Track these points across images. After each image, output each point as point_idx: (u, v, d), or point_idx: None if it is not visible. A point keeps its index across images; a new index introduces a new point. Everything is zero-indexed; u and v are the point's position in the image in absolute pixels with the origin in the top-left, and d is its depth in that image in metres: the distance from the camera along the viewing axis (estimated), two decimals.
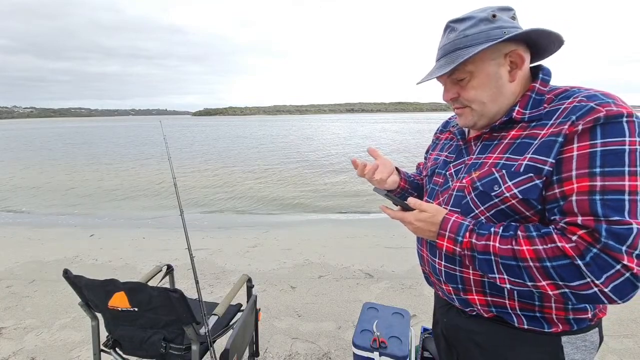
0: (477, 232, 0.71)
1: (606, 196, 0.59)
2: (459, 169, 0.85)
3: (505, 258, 0.66)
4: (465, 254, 0.72)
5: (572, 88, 0.71)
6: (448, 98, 0.81)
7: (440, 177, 0.91)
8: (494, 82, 0.74)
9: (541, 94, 0.74)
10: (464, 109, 0.80)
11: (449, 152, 0.93)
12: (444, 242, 0.75)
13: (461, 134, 0.90)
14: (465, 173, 0.82)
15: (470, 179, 0.78)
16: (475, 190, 0.76)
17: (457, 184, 0.82)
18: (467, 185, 0.78)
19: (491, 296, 0.78)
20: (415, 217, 0.78)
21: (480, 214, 0.75)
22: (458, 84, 0.78)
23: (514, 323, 0.76)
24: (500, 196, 0.71)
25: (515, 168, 0.70)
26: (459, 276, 0.81)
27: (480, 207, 0.75)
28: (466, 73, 0.74)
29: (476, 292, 0.80)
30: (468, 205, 0.78)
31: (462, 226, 0.73)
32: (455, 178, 0.85)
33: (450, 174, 0.87)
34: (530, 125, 0.72)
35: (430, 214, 0.77)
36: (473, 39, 0.71)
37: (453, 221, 0.74)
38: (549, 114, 0.70)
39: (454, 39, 0.74)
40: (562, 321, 0.73)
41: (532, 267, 0.63)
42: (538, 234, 0.65)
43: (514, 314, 0.76)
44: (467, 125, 0.83)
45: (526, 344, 0.76)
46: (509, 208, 0.71)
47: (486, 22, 0.71)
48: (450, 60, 0.74)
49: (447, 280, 0.84)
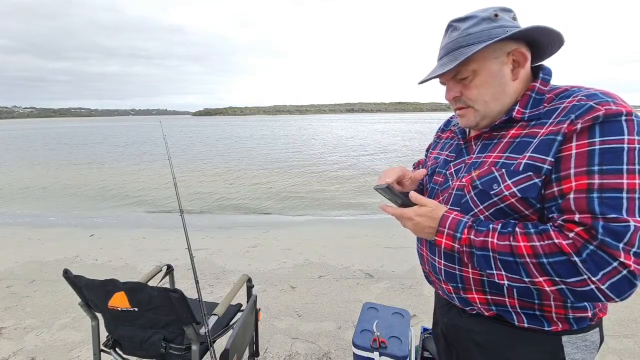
0: (475, 228, 0.71)
1: (604, 194, 0.59)
2: (459, 168, 0.85)
3: (503, 254, 0.66)
4: (464, 251, 0.72)
5: (573, 87, 0.71)
6: (451, 97, 0.80)
7: (440, 177, 0.91)
8: (497, 80, 0.74)
9: (541, 94, 0.74)
10: (466, 109, 0.79)
11: (450, 152, 0.93)
12: (442, 238, 0.75)
13: (462, 133, 0.90)
14: (465, 172, 0.82)
15: (470, 178, 0.78)
16: (474, 189, 0.76)
17: (457, 183, 0.82)
18: (466, 184, 0.79)
19: (491, 294, 0.78)
20: (416, 212, 0.78)
21: (479, 212, 0.75)
22: (461, 83, 0.77)
23: (514, 321, 0.76)
24: (500, 195, 0.71)
25: (514, 167, 0.70)
26: (458, 275, 0.81)
27: (479, 206, 0.75)
28: (469, 71, 0.74)
29: (476, 290, 0.80)
30: (467, 204, 0.78)
31: (461, 223, 0.73)
32: (455, 177, 0.85)
33: (450, 173, 0.87)
34: (530, 124, 0.72)
35: (430, 208, 0.77)
36: (476, 37, 0.71)
37: (452, 218, 0.74)
38: (548, 113, 0.70)
39: (456, 38, 0.74)
40: (562, 320, 0.73)
41: (529, 263, 0.63)
42: (535, 230, 0.65)
43: (514, 312, 0.76)
44: (469, 125, 0.82)
45: (526, 343, 0.76)
46: (508, 207, 0.71)
47: (488, 21, 0.72)
48: (453, 58, 0.74)
49: (446, 279, 0.85)
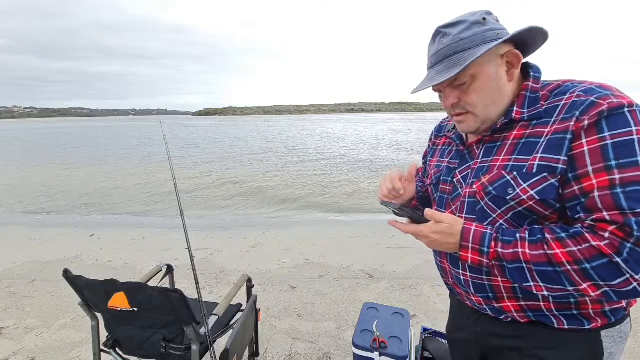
0: (501, 239, 0.68)
1: (627, 188, 0.58)
2: (466, 175, 0.83)
3: (540, 264, 0.64)
4: (494, 265, 0.69)
5: (565, 82, 0.72)
6: (449, 104, 0.78)
7: (447, 185, 0.89)
8: (494, 83, 0.73)
9: (535, 92, 0.74)
10: (465, 115, 0.78)
11: (450, 158, 0.91)
12: (468, 254, 0.71)
13: (459, 138, 0.88)
14: (473, 178, 0.80)
15: (481, 184, 0.76)
16: (488, 195, 0.74)
17: (468, 190, 0.80)
18: (478, 190, 0.77)
19: (525, 300, 0.75)
20: (432, 230, 0.73)
21: (498, 217, 0.74)
22: (458, 89, 0.75)
23: (553, 325, 0.75)
24: (517, 199, 0.69)
25: (527, 169, 0.69)
26: (487, 285, 0.78)
27: (497, 211, 0.74)
28: (467, 77, 0.73)
29: (508, 298, 0.77)
30: (483, 210, 0.76)
31: (486, 235, 0.70)
32: (464, 184, 0.82)
33: (457, 180, 0.85)
34: (532, 124, 0.72)
35: (447, 224, 0.73)
36: (470, 42, 0.70)
37: (474, 231, 0.71)
38: (548, 111, 0.70)
39: (449, 43, 0.72)
40: (599, 315, 0.72)
41: (571, 270, 0.61)
42: (568, 234, 0.63)
43: (552, 315, 0.74)
44: (469, 130, 0.81)
45: (568, 343, 0.75)
46: (527, 209, 0.70)
47: (478, 25, 0.71)
48: (451, 64, 0.72)
49: (476, 292, 0.81)
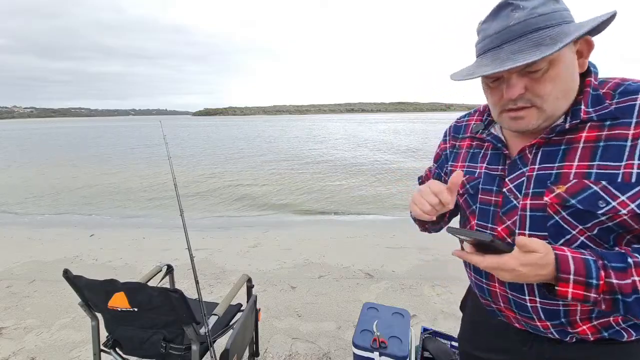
0: (611, 267, 0.57)
1: None
2: (520, 184, 0.70)
3: None
4: (602, 299, 0.58)
5: (624, 80, 0.65)
6: (515, 94, 0.63)
7: (492, 195, 0.75)
8: (569, 72, 0.63)
9: (596, 89, 0.65)
10: (528, 110, 0.64)
11: (489, 164, 0.78)
12: (568, 288, 0.58)
13: (499, 140, 0.76)
14: (535, 188, 0.68)
15: (555, 196, 0.64)
16: (567, 209, 0.64)
17: (529, 202, 0.68)
18: (551, 202, 0.65)
19: (597, 320, 0.69)
20: (520, 262, 0.59)
21: (579, 234, 0.64)
22: (527, 77, 0.62)
23: (623, 338, 0.70)
24: (610, 213, 0.60)
25: (622, 178, 0.59)
26: (563, 311, 0.69)
27: (578, 227, 0.64)
28: (545, 62, 0.60)
29: (582, 321, 0.69)
30: (559, 226, 0.65)
31: (590, 264, 0.58)
32: (520, 195, 0.70)
33: (509, 190, 0.72)
34: (605, 125, 0.62)
35: (541, 254, 0.58)
36: (551, 19, 0.59)
37: (574, 259, 0.58)
38: (623, 111, 0.61)
39: (526, 18, 0.59)
40: None
41: None
42: None
43: (621, 329, 0.70)
44: (527, 129, 0.67)
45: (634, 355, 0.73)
46: (617, 225, 0.61)
47: (553, 2, 0.61)
48: (531, 43, 0.58)
49: (547, 319, 0.71)
